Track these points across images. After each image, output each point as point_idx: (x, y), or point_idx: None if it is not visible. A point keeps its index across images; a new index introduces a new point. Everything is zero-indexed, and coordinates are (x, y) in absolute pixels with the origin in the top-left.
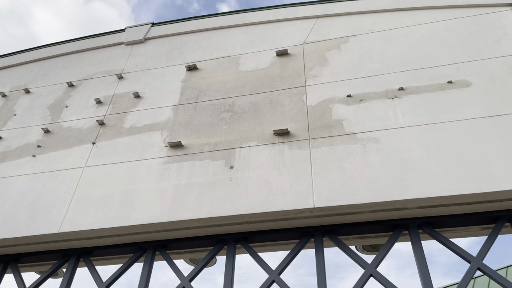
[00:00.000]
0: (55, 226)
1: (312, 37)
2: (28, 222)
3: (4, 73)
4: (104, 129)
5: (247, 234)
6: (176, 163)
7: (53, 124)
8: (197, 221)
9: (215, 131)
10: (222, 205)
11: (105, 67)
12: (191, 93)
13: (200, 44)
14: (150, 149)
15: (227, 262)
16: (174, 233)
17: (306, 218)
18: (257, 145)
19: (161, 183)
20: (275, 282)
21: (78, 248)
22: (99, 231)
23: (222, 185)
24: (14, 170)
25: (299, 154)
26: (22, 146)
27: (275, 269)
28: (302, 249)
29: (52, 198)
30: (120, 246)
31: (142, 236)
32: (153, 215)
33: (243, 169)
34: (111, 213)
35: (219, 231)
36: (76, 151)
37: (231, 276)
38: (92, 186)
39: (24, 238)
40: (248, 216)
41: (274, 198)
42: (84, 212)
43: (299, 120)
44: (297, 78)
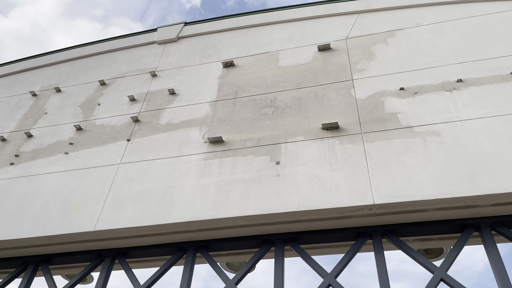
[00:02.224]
0: (90, 224)
1: (355, 32)
2: (61, 220)
3: (34, 73)
4: (139, 126)
5: (297, 234)
6: (218, 159)
7: (85, 122)
8: (243, 219)
9: (257, 127)
10: (270, 202)
11: (137, 65)
12: (229, 89)
13: (235, 41)
14: (189, 145)
15: (276, 265)
16: (217, 232)
17: (364, 217)
18: (304, 139)
19: (203, 179)
20: (332, 286)
21: (113, 248)
22: (137, 229)
23: (268, 181)
24: (46, 167)
25: (352, 149)
26: (54, 143)
27: (331, 271)
28: (358, 251)
29: (86, 196)
30: (158, 247)
31: (182, 235)
32: (195, 213)
33: (291, 164)
34: (150, 210)
35: (266, 231)
36: (110, 148)
37: (281, 281)
38: (128, 183)
39: (57, 236)
40: (300, 213)
41: (328, 194)
42: (120, 210)
43: (349, 114)
44: (343, 72)
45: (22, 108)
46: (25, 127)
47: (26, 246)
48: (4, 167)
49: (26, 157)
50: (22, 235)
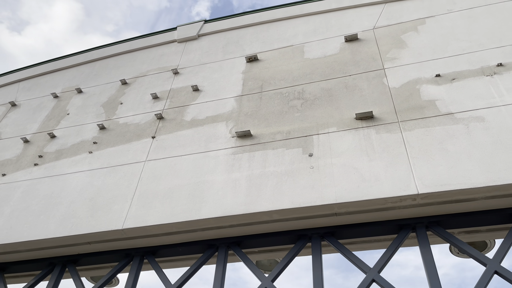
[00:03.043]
0: (118, 222)
1: (383, 22)
2: (88, 219)
3: (55, 75)
4: (163, 123)
5: (334, 228)
6: (247, 153)
7: (108, 121)
8: (277, 213)
9: (286, 119)
10: (305, 195)
11: (158, 64)
12: (254, 84)
13: (257, 36)
14: (216, 140)
15: (314, 261)
16: (249, 228)
17: (406, 208)
18: (338, 130)
19: (232, 174)
20: (375, 281)
21: (141, 247)
22: (166, 226)
23: (302, 174)
24: (70, 167)
25: (389, 138)
26: (77, 143)
27: (374, 266)
28: (400, 245)
29: (112, 194)
30: (188, 245)
31: (213, 232)
32: (227, 208)
33: (325, 156)
34: (179, 206)
35: (301, 225)
36: (135, 146)
37: (321, 279)
38: (155, 180)
39: (85, 236)
40: (338, 206)
41: (367, 185)
42: (149, 207)
43: (383, 103)
44: (373, 61)
45: (44, 109)
46: (48, 128)
47: (53, 246)
48: (28, 168)
49: (50, 157)
50: (49, 235)
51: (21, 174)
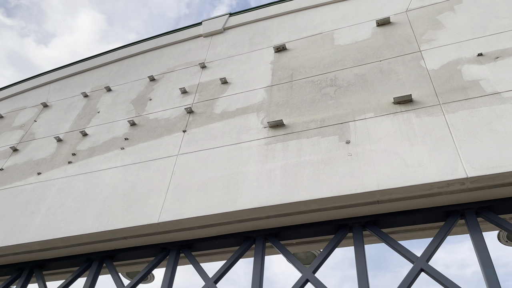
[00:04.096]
0: (154, 216)
1: (416, 4)
2: (124, 214)
3: (84, 75)
4: (193, 116)
5: (376, 217)
6: (280, 143)
7: (138, 117)
8: (316, 202)
9: (320, 107)
10: (345, 183)
11: (185, 59)
12: (284, 73)
13: (284, 26)
14: (247, 132)
15: (357, 252)
16: (287, 219)
17: (454, 193)
18: (375, 116)
19: (267, 164)
20: (424, 270)
21: (178, 241)
22: (202, 218)
23: (340, 162)
24: (103, 163)
25: (431, 121)
26: (109, 140)
27: (421, 255)
28: (449, 233)
29: (146, 188)
30: (224, 237)
31: (250, 224)
32: (263, 198)
33: (363, 142)
34: (215, 198)
35: (341, 215)
36: (167, 140)
37: (365, 271)
38: (189, 173)
39: (121, 230)
40: (380, 193)
41: (410, 170)
42: (184, 200)
43: (422, 86)
44: (408, 44)
45: (75, 109)
46: (80, 126)
47: (90, 242)
48: (63, 166)
49: (83, 155)
50: (86, 230)
51: (56, 172)
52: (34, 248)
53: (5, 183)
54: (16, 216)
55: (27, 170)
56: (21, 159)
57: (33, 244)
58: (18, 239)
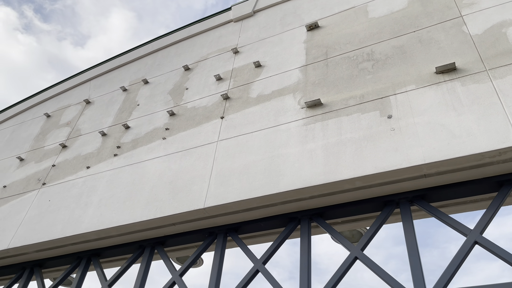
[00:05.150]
0: (200, 201)
1: None
2: (171, 201)
3: (121, 70)
4: (230, 102)
5: (424, 191)
6: (319, 123)
7: (177, 107)
8: (360, 180)
9: (358, 83)
10: (389, 158)
11: (217, 46)
12: (318, 51)
13: (315, 3)
14: (285, 113)
15: (406, 227)
16: (331, 198)
17: (506, 162)
18: (417, 88)
19: (307, 144)
20: (478, 243)
21: (224, 225)
22: (246, 202)
23: (383, 137)
24: (147, 154)
25: (478, 89)
26: (151, 131)
27: (474, 228)
28: (502, 203)
29: (190, 175)
30: (269, 219)
31: (294, 205)
32: (305, 179)
33: (406, 116)
34: (257, 182)
35: (387, 191)
36: (206, 128)
37: (415, 247)
38: (230, 158)
39: (169, 217)
40: (427, 166)
41: (458, 141)
42: (227, 185)
43: (465, 53)
44: (448, 10)
45: (115, 103)
46: (122, 120)
47: (141, 230)
48: (109, 159)
49: (127, 147)
50: (136, 219)
51: (103, 165)
52: (90, 237)
53: (58, 178)
54: (71, 209)
55: (77, 164)
56: (70, 154)
57: (89, 234)
58: (75, 230)
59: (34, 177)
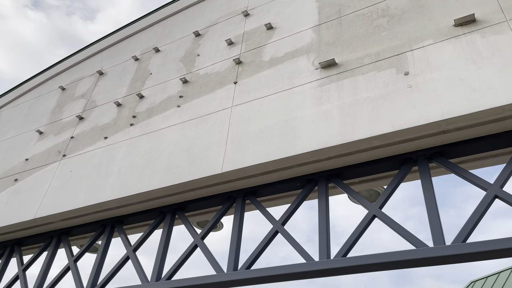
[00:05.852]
0: (217, 167)
1: None
2: (188, 168)
3: (132, 39)
4: (242, 67)
5: (442, 148)
6: (334, 83)
7: (189, 74)
8: (377, 139)
9: (373, 41)
10: (407, 116)
11: (227, 9)
12: (331, 10)
13: None
14: (299, 75)
15: (424, 184)
16: (348, 158)
17: None
18: (434, 42)
19: (322, 106)
20: (498, 197)
21: (242, 189)
22: (263, 165)
23: (400, 95)
24: (162, 122)
25: (499, 40)
26: (165, 99)
27: (494, 182)
28: None
29: (206, 142)
30: (287, 182)
31: (310, 167)
32: (321, 140)
33: (423, 72)
34: (273, 145)
35: (404, 149)
36: (220, 94)
37: (434, 201)
38: (245, 123)
39: (188, 183)
40: (446, 122)
41: (478, 95)
42: (243, 149)
43: (485, 3)
44: None
45: (128, 73)
46: (135, 89)
47: (161, 196)
48: (126, 128)
49: (142, 116)
50: (156, 186)
51: (120, 135)
52: (112, 205)
53: (78, 149)
54: (92, 178)
55: (95, 135)
56: (88, 126)
57: (111, 202)
58: (97, 199)
59: (54, 149)
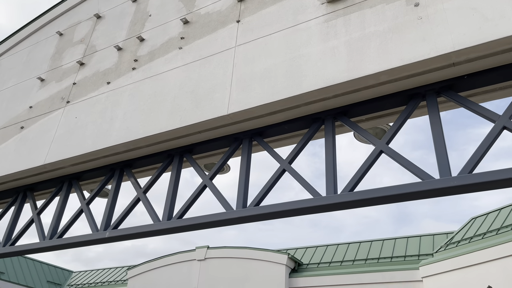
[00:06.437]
0: (223, 108)
1: None
2: (194, 110)
3: None
4: (245, 4)
5: (452, 81)
6: (341, 18)
7: (190, 14)
8: (385, 74)
9: None
10: (416, 49)
11: None
12: None
13: None
14: (304, 11)
15: (432, 119)
16: (355, 95)
17: None
18: None
19: (329, 42)
20: (507, 128)
21: (248, 130)
22: (269, 105)
23: (409, 27)
24: (165, 65)
25: None
26: (166, 42)
27: (503, 113)
28: None
29: (211, 83)
30: (293, 121)
31: (317, 105)
32: (328, 77)
33: (434, 2)
34: (279, 84)
35: (413, 84)
36: (222, 33)
37: (441, 136)
38: (249, 63)
39: (194, 125)
40: (456, 54)
41: (490, 25)
42: (249, 90)
43: None
44: None
45: (127, 16)
46: (135, 32)
47: (167, 139)
48: (128, 73)
49: (144, 59)
50: (162, 129)
51: (123, 79)
52: (120, 149)
53: (81, 95)
54: (98, 124)
55: (97, 81)
56: (89, 71)
57: (118, 146)
58: (104, 143)
59: (58, 96)
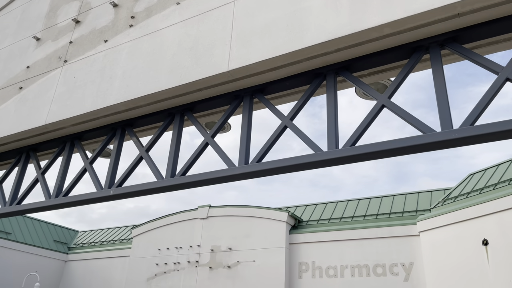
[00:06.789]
0: (223, 65)
1: None
2: (194, 67)
3: None
4: None
5: (456, 33)
6: None
7: None
8: (388, 26)
9: None
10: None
11: None
12: None
13: None
14: None
15: (435, 72)
16: (358, 49)
17: None
18: None
19: None
20: (510, 79)
21: (249, 87)
22: (270, 61)
23: None
24: (162, 22)
25: None
26: None
27: (506, 65)
28: None
29: (210, 39)
30: (295, 77)
31: (319, 60)
32: (331, 31)
33: None
34: (280, 39)
35: (416, 36)
36: None
37: (444, 90)
38: (249, 17)
39: (194, 83)
40: (461, 4)
41: None
42: (249, 46)
43: None
44: None
45: None
46: None
47: (168, 98)
48: (125, 30)
49: (141, 16)
50: (162, 87)
51: (121, 37)
52: (120, 108)
53: (78, 54)
54: (97, 83)
55: (94, 39)
56: (85, 29)
57: (118, 105)
58: (104, 102)
59: (55, 55)
